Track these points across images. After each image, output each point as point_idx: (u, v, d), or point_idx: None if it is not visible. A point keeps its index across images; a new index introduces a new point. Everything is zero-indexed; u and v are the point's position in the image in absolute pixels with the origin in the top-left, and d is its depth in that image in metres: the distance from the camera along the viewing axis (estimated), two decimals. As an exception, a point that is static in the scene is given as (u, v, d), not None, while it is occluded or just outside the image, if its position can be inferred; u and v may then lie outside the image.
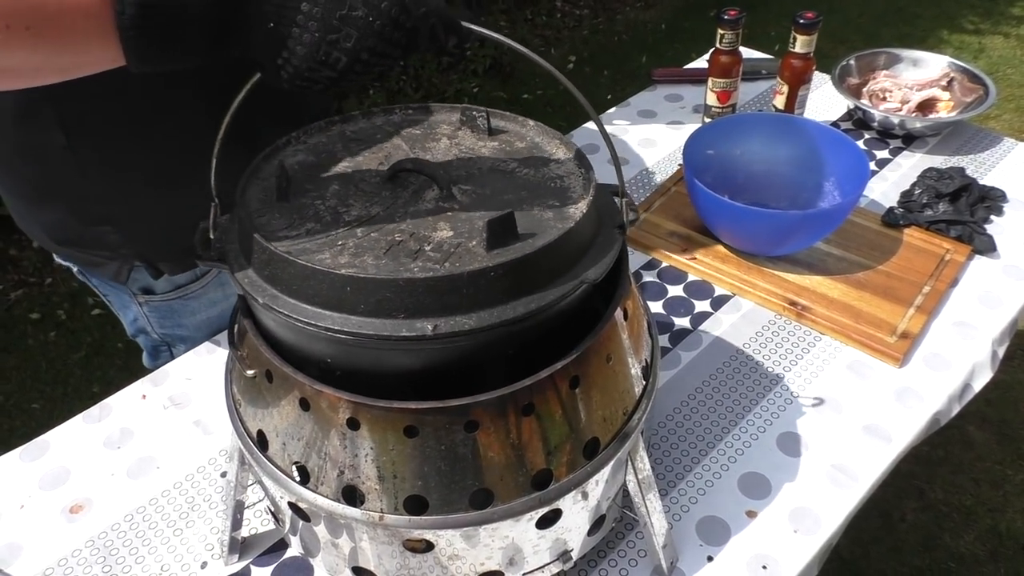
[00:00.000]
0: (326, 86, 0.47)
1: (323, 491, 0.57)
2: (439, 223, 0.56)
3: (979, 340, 0.93)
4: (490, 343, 0.52)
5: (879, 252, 1.03)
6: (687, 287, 1.01)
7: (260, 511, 0.78)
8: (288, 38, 0.45)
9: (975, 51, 3.39)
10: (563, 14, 3.75)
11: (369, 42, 0.46)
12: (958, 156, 1.23)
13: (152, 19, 0.42)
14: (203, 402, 0.89)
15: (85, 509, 0.79)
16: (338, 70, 0.46)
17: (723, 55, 1.21)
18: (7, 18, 0.42)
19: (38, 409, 2.00)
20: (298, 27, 0.45)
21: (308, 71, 0.46)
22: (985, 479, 1.75)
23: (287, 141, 0.65)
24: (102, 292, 0.98)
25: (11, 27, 0.42)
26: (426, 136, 0.67)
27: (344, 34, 0.44)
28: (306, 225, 0.56)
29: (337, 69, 0.46)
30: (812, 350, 0.93)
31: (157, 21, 0.42)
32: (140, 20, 0.43)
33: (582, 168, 0.62)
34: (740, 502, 0.77)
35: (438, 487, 0.55)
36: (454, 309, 0.50)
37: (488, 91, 3.17)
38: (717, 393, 0.88)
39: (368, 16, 0.45)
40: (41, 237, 0.90)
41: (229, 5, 0.44)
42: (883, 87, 1.30)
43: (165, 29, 0.43)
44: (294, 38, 0.45)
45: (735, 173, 1.09)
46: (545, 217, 0.57)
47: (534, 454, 0.56)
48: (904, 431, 0.84)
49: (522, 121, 0.69)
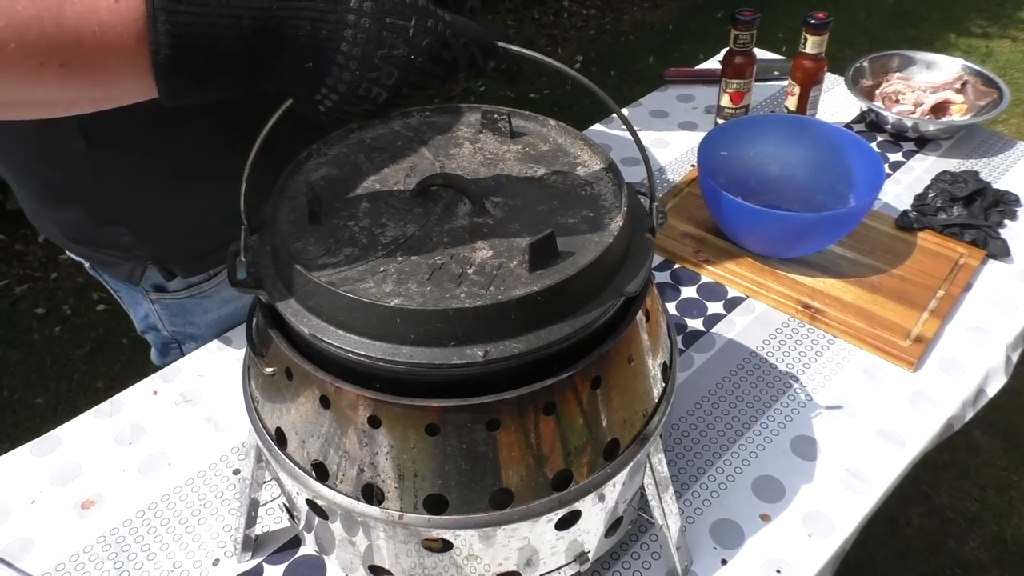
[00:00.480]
0: (364, 117, 0.47)
1: (342, 489, 0.57)
2: (477, 242, 0.56)
3: (993, 345, 0.93)
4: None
5: (893, 256, 1.03)
6: (700, 289, 1.01)
7: (273, 508, 0.77)
8: (327, 75, 0.44)
9: (983, 55, 3.39)
10: (570, 14, 3.74)
11: (411, 78, 0.45)
12: (971, 159, 1.22)
13: (187, 58, 0.42)
14: (215, 398, 0.89)
15: (96, 505, 0.79)
16: (378, 104, 0.45)
17: (737, 56, 1.21)
18: (42, 55, 0.41)
19: (42, 404, 2.00)
20: (338, 66, 0.44)
21: (348, 106, 0.45)
22: (991, 485, 1.75)
23: (308, 155, 0.64)
24: (113, 288, 0.98)
25: (45, 64, 0.42)
26: (448, 142, 0.67)
27: (385, 72, 0.43)
28: (344, 251, 0.55)
29: (377, 104, 0.45)
30: (826, 353, 0.92)
31: (192, 60, 0.42)
32: (175, 60, 0.42)
33: (610, 173, 0.62)
34: (754, 505, 0.77)
35: (458, 486, 0.55)
36: (502, 334, 0.50)
37: (495, 90, 3.17)
38: (731, 396, 0.87)
39: (410, 55, 0.44)
40: (53, 233, 0.90)
41: (265, 46, 0.43)
42: (896, 89, 1.30)
43: (200, 68, 0.42)
44: (333, 76, 0.44)
45: (748, 175, 1.08)
46: (581, 230, 0.57)
47: (554, 455, 0.56)
48: (918, 436, 0.83)
49: (543, 121, 0.68)
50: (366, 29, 0.42)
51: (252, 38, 0.42)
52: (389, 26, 0.43)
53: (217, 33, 0.41)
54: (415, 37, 0.44)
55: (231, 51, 0.42)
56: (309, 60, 0.43)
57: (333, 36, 0.43)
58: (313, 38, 0.43)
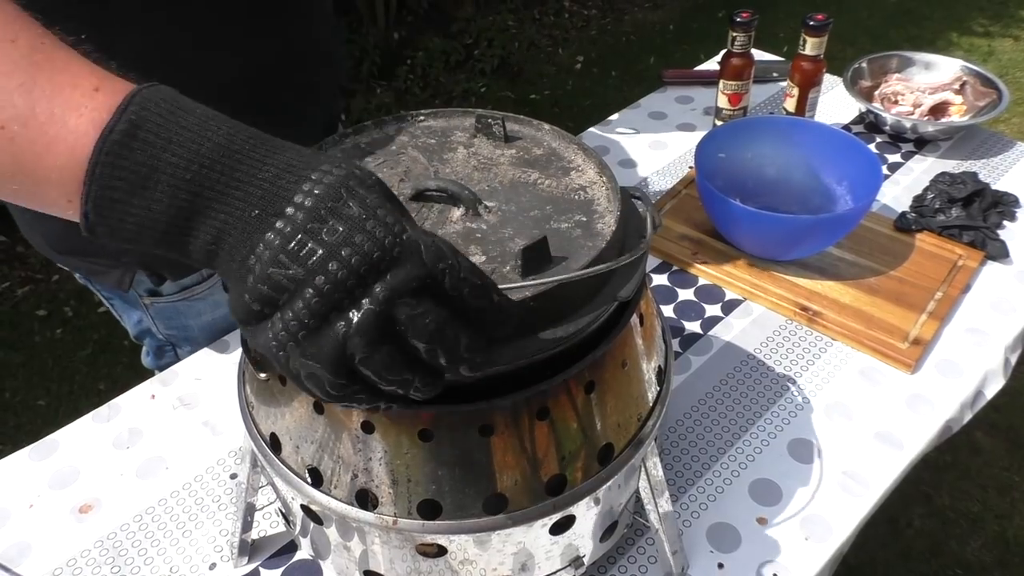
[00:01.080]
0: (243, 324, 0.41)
1: (336, 494, 0.57)
2: (470, 247, 0.56)
3: (991, 347, 0.93)
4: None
5: (891, 257, 1.03)
6: (698, 291, 1.01)
7: (269, 513, 0.78)
8: (277, 221, 0.39)
9: (984, 54, 3.38)
10: (571, 14, 3.74)
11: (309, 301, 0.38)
12: (970, 160, 1.22)
13: (113, 196, 0.39)
14: (212, 402, 0.89)
15: (94, 509, 0.79)
16: (309, 267, 0.38)
17: (735, 57, 1.20)
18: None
19: (43, 406, 2.00)
20: (255, 257, 0.38)
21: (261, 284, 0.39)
22: (992, 485, 1.75)
23: None
24: (105, 296, 0.98)
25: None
26: (442, 146, 0.67)
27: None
28: None
29: (308, 266, 0.38)
30: (823, 356, 0.92)
31: (118, 198, 0.39)
32: (100, 195, 0.39)
33: (604, 177, 0.62)
34: (751, 508, 0.77)
35: (452, 492, 0.55)
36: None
37: (495, 91, 3.17)
38: (728, 398, 0.87)
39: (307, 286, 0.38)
40: (42, 245, 0.90)
41: (206, 199, 0.39)
42: (895, 90, 1.30)
43: (124, 210, 0.40)
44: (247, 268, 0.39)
45: (746, 176, 1.08)
46: (575, 235, 0.57)
47: (548, 459, 0.56)
48: (916, 438, 0.83)
49: (537, 125, 0.68)
50: (325, 183, 0.38)
51: (208, 160, 0.39)
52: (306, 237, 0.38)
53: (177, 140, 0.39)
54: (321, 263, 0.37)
55: (177, 164, 0.39)
56: (256, 207, 0.39)
57: (289, 188, 0.39)
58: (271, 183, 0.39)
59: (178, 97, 0.40)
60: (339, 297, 0.37)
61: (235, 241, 0.39)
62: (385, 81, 3.17)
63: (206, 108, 0.41)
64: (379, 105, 2.97)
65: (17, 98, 0.40)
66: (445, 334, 0.39)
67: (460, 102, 3.10)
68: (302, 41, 0.86)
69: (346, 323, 0.37)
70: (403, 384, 0.40)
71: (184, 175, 0.38)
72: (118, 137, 0.38)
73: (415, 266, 0.38)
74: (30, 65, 0.40)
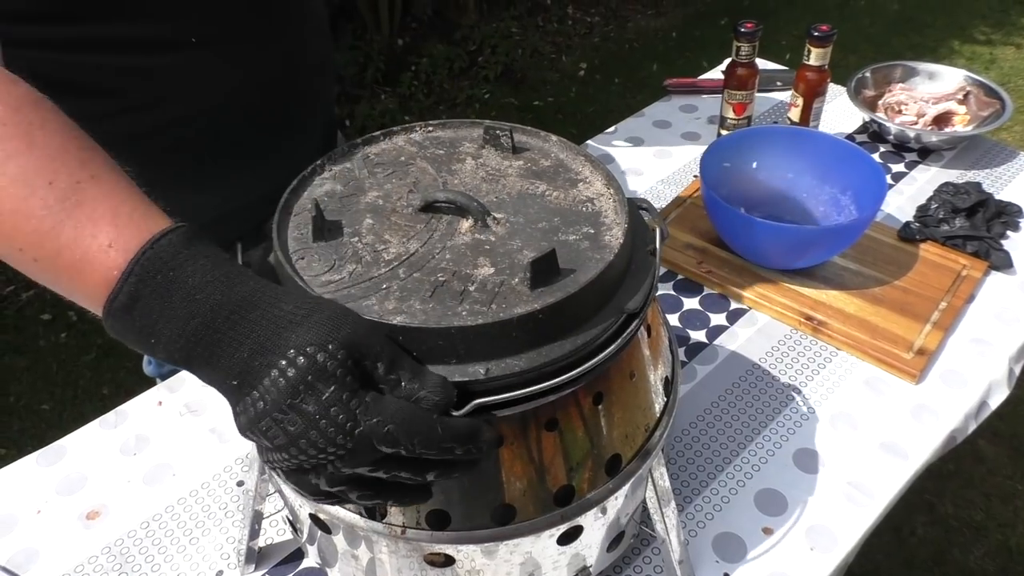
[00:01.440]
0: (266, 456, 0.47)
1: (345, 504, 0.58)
2: (479, 258, 0.56)
3: (996, 357, 0.93)
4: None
5: (895, 267, 1.03)
6: (703, 300, 1.01)
7: (276, 520, 0.78)
8: (247, 395, 0.45)
9: (986, 61, 3.39)
10: (574, 21, 3.76)
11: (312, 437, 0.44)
12: (974, 170, 1.23)
13: (134, 319, 0.46)
14: (219, 409, 0.90)
15: (101, 515, 0.79)
16: (275, 444, 0.45)
17: (740, 67, 1.21)
18: (25, 246, 0.48)
19: (48, 410, 2.01)
20: (256, 392, 0.44)
21: (250, 433, 0.46)
22: (996, 494, 1.75)
23: (312, 170, 0.65)
24: None
25: (24, 251, 0.48)
26: (450, 157, 0.67)
27: (290, 418, 0.44)
28: (347, 267, 0.56)
29: (274, 444, 0.45)
30: (828, 365, 0.92)
31: (138, 322, 0.46)
32: (123, 315, 0.47)
33: (611, 189, 0.62)
34: (756, 519, 0.77)
35: (461, 502, 0.55)
36: (504, 351, 0.50)
37: (499, 97, 3.18)
38: (733, 408, 0.88)
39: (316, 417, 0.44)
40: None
41: (201, 349, 0.45)
42: (899, 100, 1.30)
43: (142, 329, 0.46)
44: (249, 399, 0.45)
45: (751, 186, 1.09)
46: (582, 247, 0.57)
47: (556, 470, 0.56)
48: (921, 449, 0.83)
49: (544, 136, 0.69)
50: (288, 377, 0.43)
51: (192, 337, 0.45)
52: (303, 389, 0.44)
53: (167, 316, 0.45)
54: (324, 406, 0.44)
55: (170, 336, 0.45)
56: (234, 379, 0.45)
57: (261, 370, 0.44)
58: (245, 363, 0.45)
59: (176, 260, 0.46)
60: (305, 469, 0.46)
61: (224, 392, 0.47)
62: (389, 87, 3.18)
63: (204, 266, 0.46)
64: (383, 111, 2.98)
65: (47, 241, 0.47)
66: (406, 471, 0.46)
67: (464, 108, 3.10)
68: (296, 51, 0.87)
69: (316, 475, 0.46)
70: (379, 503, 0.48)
71: (175, 344, 0.45)
72: (119, 306, 0.46)
73: (365, 455, 0.44)
74: (61, 211, 0.47)
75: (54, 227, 0.47)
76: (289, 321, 0.45)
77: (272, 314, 0.45)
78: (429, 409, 0.45)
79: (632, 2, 3.91)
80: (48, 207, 0.47)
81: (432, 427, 0.45)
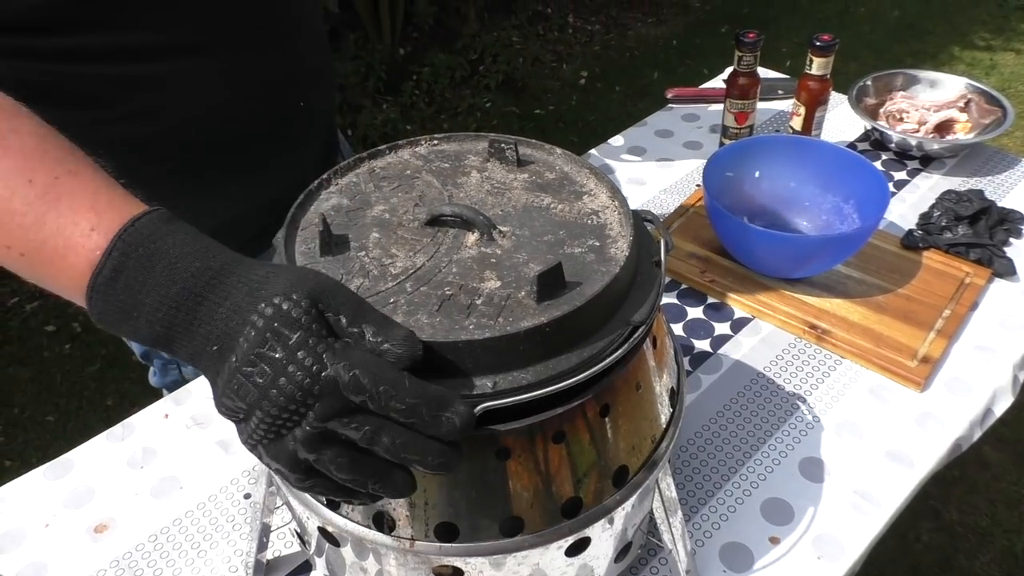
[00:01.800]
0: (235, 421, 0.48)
1: (353, 516, 0.58)
2: (485, 272, 0.56)
3: (1000, 364, 0.93)
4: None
5: (899, 275, 1.03)
6: (707, 309, 1.02)
7: (283, 533, 0.78)
8: (227, 361, 0.46)
9: (987, 67, 3.40)
10: (575, 30, 3.77)
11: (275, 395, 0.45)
12: (976, 177, 1.23)
13: (117, 294, 0.48)
14: (225, 422, 0.89)
15: (109, 529, 0.80)
16: (247, 403, 0.45)
17: (741, 77, 1.22)
18: (11, 242, 0.50)
19: (52, 422, 2.01)
20: (234, 355, 0.46)
21: (224, 397, 0.47)
22: (1001, 500, 1.74)
23: (319, 184, 0.65)
24: None
25: (11, 248, 0.50)
26: (455, 170, 0.68)
27: (258, 370, 0.45)
28: (355, 281, 0.56)
29: (247, 401, 0.45)
30: (833, 374, 0.93)
31: (121, 297, 0.48)
32: (99, 316, 0.49)
33: (616, 201, 0.62)
34: (763, 528, 0.77)
35: (469, 514, 0.55)
36: (511, 365, 0.51)
37: (501, 106, 3.19)
38: (738, 417, 0.88)
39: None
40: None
41: (184, 314, 0.47)
42: (900, 108, 1.31)
43: (124, 305, 0.48)
44: (228, 363, 0.46)
45: (754, 195, 1.09)
46: (588, 260, 0.58)
47: (564, 482, 0.57)
48: (926, 456, 0.84)
49: (549, 149, 0.69)
50: (257, 327, 0.45)
51: (174, 303, 0.46)
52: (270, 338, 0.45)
53: (150, 285, 0.47)
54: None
55: (152, 306, 0.47)
56: (215, 343, 0.46)
57: (237, 329, 0.45)
58: (224, 324, 0.46)
59: (156, 234, 0.48)
60: (279, 424, 0.45)
61: (203, 367, 0.48)
62: (391, 96, 3.19)
63: (183, 239, 0.48)
64: (385, 120, 2.99)
65: (31, 234, 0.49)
66: (380, 439, 0.45)
67: (465, 117, 3.11)
68: (291, 62, 0.87)
69: (293, 438, 0.46)
70: (356, 482, 0.47)
71: (157, 314, 0.47)
72: (103, 281, 0.47)
73: (334, 400, 0.45)
74: (42, 205, 0.49)
75: (36, 221, 0.49)
76: (263, 281, 0.46)
77: (248, 278, 0.47)
78: (393, 362, 0.46)
79: (633, 10, 3.92)
80: (29, 203, 0.49)
81: (398, 378, 0.45)
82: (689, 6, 3.99)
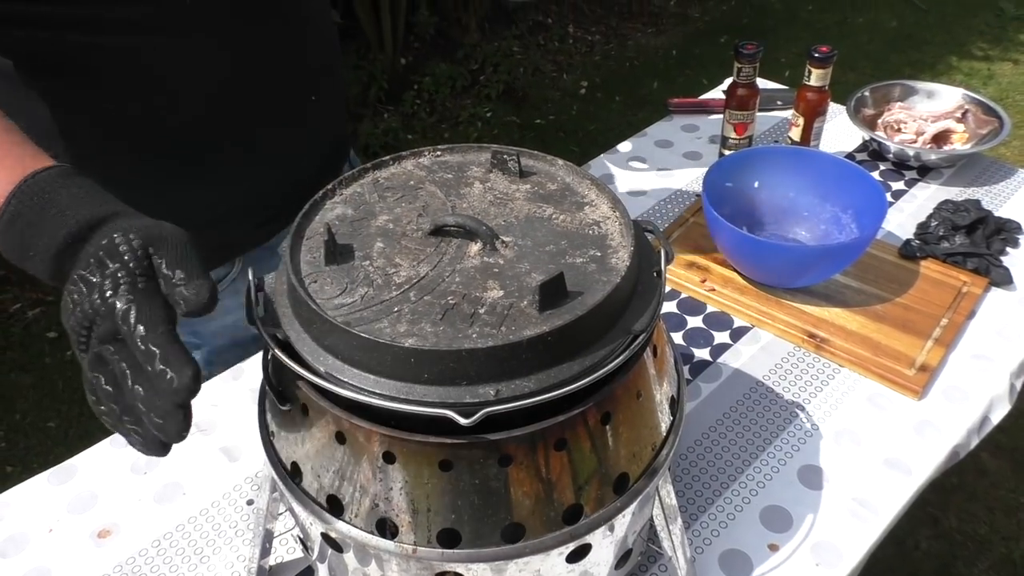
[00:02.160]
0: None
1: (356, 522, 0.58)
2: (488, 281, 0.57)
3: (997, 373, 0.94)
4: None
5: (897, 284, 1.04)
6: (707, 318, 1.02)
7: (286, 539, 0.79)
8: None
9: (984, 77, 3.42)
10: (575, 40, 3.79)
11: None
12: (973, 187, 1.24)
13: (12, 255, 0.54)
14: (229, 428, 0.91)
15: (113, 534, 0.80)
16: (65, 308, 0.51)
17: (741, 88, 1.23)
18: None
19: (54, 428, 2.01)
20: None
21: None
22: (999, 507, 1.75)
23: (324, 194, 0.66)
24: None
25: None
26: (459, 181, 0.68)
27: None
28: (359, 290, 0.57)
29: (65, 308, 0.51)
30: (831, 382, 0.93)
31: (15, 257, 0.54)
32: (7, 253, 0.54)
33: (617, 211, 0.63)
34: (762, 535, 0.78)
35: (471, 521, 0.56)
36: (513, 373, 0.51)
37: (501, 116, 3.21)
38: (738, 425, 0.88)
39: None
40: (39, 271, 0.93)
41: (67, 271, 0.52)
42: (898, 119, 1.32)
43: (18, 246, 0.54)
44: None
45: (753, 205, 1.10)
46: (590, 270, 0.59)
47: (565, 489, 0.57)
48: (924, 464, 0.84)
49: (551, 160, 0.70)
50: (88, 254, 0.50)
51: (61, 247, 0.51)
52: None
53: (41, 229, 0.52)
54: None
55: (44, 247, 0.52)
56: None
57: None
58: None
59: (52, 186, 0.54)
60: (83, 339, 0.50)
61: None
62: (392, 106, 3.20)
63: (76, 192, 0.53)
64: (386, 129, 3.00)
65: None
66: (126, 378, 0.49)
67: (466, 127, 3.13)
68: (294, 50, 0.88)
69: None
70: (112, 412, 0.50)
71: (47, 253, 0.52)
72: (4, 223, 0.53)
73: (110, 325, 0.49)
74: None
75: None
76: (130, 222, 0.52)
77: (123, 224, 0.52)
78: (177, 303, 0.49)
79: (632, 20, 3.95)
80: None
81: (161, 328, 0.48)
82: (688, 16, 4.01)
